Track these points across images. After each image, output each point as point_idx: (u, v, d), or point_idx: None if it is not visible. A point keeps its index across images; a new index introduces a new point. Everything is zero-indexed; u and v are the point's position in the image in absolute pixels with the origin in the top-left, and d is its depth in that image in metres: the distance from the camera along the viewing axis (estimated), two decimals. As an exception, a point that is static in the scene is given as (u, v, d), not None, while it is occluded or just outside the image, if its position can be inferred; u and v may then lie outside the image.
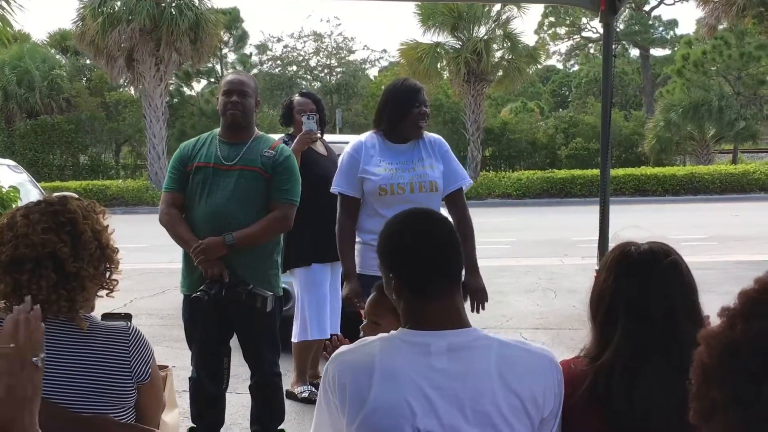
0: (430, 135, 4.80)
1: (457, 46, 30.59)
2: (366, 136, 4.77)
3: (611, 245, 2.46)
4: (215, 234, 4.46)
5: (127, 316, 2.61)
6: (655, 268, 2.29)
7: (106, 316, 2.59)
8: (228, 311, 4.51)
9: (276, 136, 5.66)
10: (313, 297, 5.96)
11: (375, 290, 3.00)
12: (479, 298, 4.60)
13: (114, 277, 2.63)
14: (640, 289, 2.27)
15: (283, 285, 4.95)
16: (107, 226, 2.64)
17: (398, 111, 4.64)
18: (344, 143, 8.28)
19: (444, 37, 30.96)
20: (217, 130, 4.79)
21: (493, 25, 31.23)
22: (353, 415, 2.13)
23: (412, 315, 2.23)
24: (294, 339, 6.08)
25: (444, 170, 4.68)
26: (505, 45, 31.21)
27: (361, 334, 2.86)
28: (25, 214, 2.52)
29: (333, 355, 2.27)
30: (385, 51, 60.84)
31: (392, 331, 2.24)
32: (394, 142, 4.68)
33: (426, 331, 2.18)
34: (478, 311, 4.56)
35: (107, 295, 2.63)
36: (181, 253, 4.66)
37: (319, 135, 6.06)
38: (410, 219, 2.38)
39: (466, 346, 2.16)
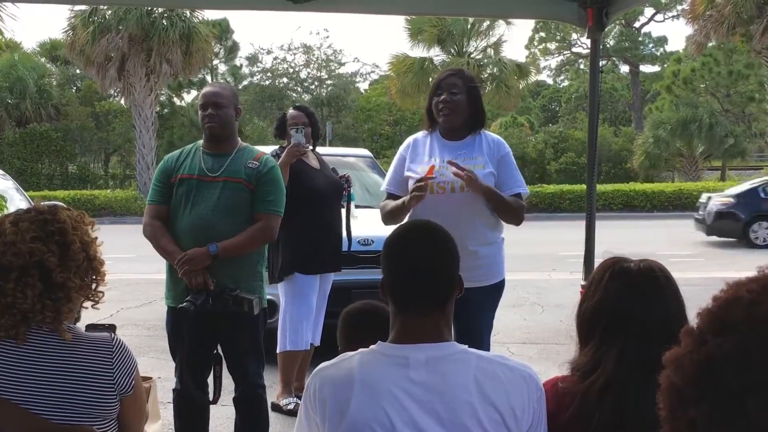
0: (492, 135, 4.63)
1: (447, 60, 30.66)
2: (420, 132, 4.66)
3: (599, 261, 2.45)
4: (199, 245, 4.44)
5: (111, 327, 2.59)
6: (654, 284, 2.29)
7: (90, 327, 2.58)
8: (212, 322, 4.49)
9: (269, 149, 5.66)
10: (296, 307, 5.95)
11: (342, 322, 2.95)
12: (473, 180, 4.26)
13: (100, 288, 2.61)
14: (639, 304, 2.26)
15: (269, 296, 4.93)
16: (96, 238, 2.63)
17: (428, 103, 4.56)
18: (333, 156, 8.35)
19: (434, 52, 31.09)
20: (201, 141, 4.78)
21: (482, 43, 31.34)
22: (333, 429, 2.13)
23: (393, 326, 2.24)
24: (278, 349, 6.07)
25: (499, 174, 4.46)
26: (494, 62, 31.27)
27: None
28: (14, 221, 2.50)
29: (315, 370, 2.27)
30: (377, 66, 60.91)
31: (372, 346, 2.24)
32: (447, 138, 4.53)
33: (404, 344, 2.18)
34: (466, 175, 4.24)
35: (92, 306, 2.61)
36: (165, 265, 4.65)
37: (309, 148, 6.07)
38: (408, 231, 2.39)
39: (445, 359, 2.15)
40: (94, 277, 2.58)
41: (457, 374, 2.13)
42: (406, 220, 4.40)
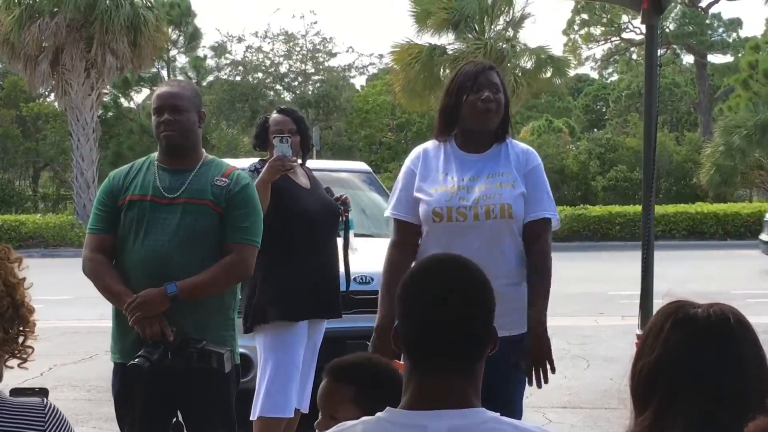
0: (520, 144, 4.66)
1: (463, 48, 30.65)
2: (431, 142, 4.68)
3: (659, 303, 2.43)
4: (154, 284, 4.43)
5: (43, 391, 2.58)
6: (728, 335, 2.28)
7: (16, 392, 2.57)
8: (171, 382, 4.48)
9: (242, 162, 5.65)
10: (278, 363, 5.91)
11: (326, 375, 2.95)
12: (538, 360, 4.32)
13: (29, 342, 2.60)
14: (709, 361, 2.25)
15: (242, 350, 4.92)
16: (24, 278, 2.62)
17: (450, 100, 4.55)
18: (322, 171, 8.35)
19: (447, 39, 31.11)
20: (155, 154, 4.79)
21: (504, 25, 31.41)
22: None
23: (407, 386, 2.23)
24: (253, 416, 6.03)
25: (527, 192, 4.48)
26: (519, 49, 31.30)
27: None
28: None
29: None
30: (381, 56, 60.87)
31: (378, 413, 2.23)
32: (466, 150, 4.55)
33: (421, 410, 2.17)
34: (538, 384, 4.31)
35: (20, 365, 2.60)
36: (111, 310, 4.64)
37: (297, 162, 6.07)
38: (432, 266, 2.39)
39: (472, 429, 2.14)
40: (21, 328, 2.57)
41: None
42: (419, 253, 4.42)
